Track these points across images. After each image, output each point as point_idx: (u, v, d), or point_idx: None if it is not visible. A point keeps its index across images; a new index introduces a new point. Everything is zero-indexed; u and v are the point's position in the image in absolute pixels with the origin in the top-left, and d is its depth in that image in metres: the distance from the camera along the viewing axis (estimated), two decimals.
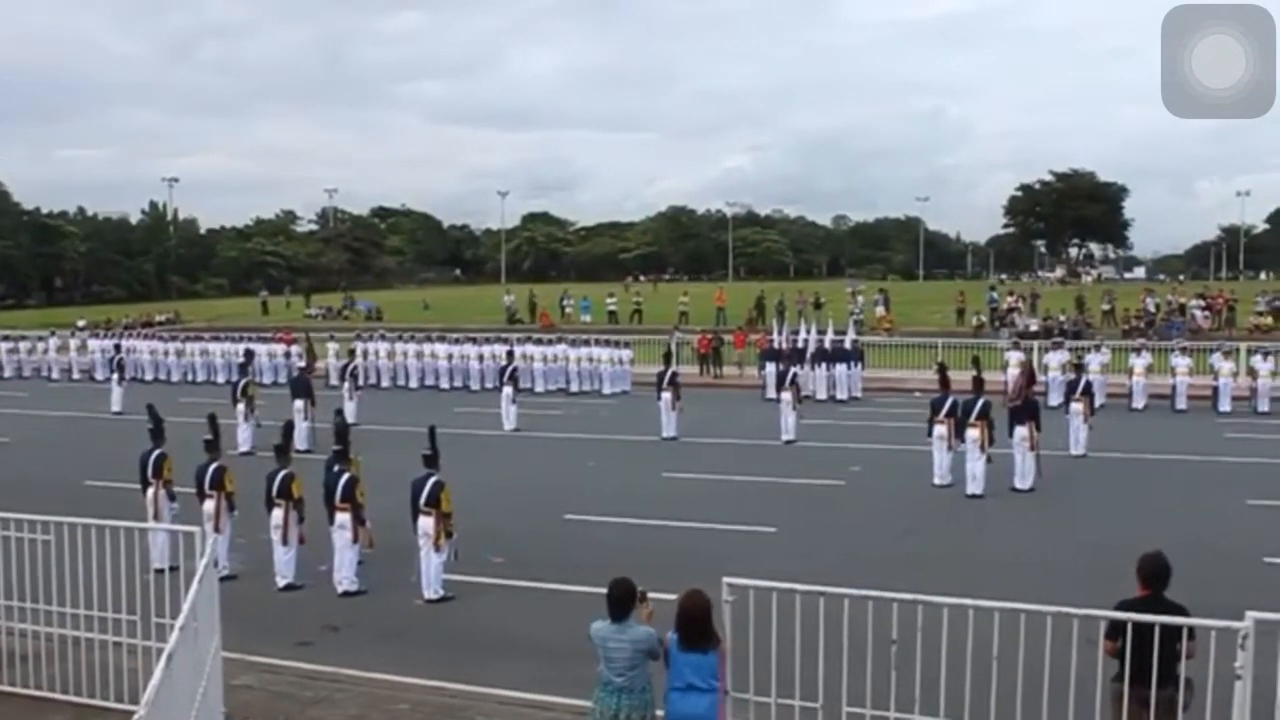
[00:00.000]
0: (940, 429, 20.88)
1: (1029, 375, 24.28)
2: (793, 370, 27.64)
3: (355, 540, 14.52)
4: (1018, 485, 20.46)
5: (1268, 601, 7.79)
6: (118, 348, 40.94)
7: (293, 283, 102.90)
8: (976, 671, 7.89)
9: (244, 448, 24.69)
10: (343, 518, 14.52)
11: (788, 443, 26.11)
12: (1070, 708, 7.75)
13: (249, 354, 35.36)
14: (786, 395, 26.50)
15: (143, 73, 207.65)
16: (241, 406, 26.32)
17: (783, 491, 20.92)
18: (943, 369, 23.01)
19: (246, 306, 79.23)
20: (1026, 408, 20.96)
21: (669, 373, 28.00)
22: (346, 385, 30.45)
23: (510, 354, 33.86)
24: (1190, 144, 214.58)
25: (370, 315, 69.76)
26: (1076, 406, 24.69)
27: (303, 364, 36.93)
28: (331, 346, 41.53)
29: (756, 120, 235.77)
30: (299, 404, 26.31)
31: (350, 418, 29.79)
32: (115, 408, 33.11)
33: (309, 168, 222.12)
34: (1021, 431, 20.55)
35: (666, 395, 27.48)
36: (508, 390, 29.58)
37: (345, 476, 14.68)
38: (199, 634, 8.20)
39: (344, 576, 14.54)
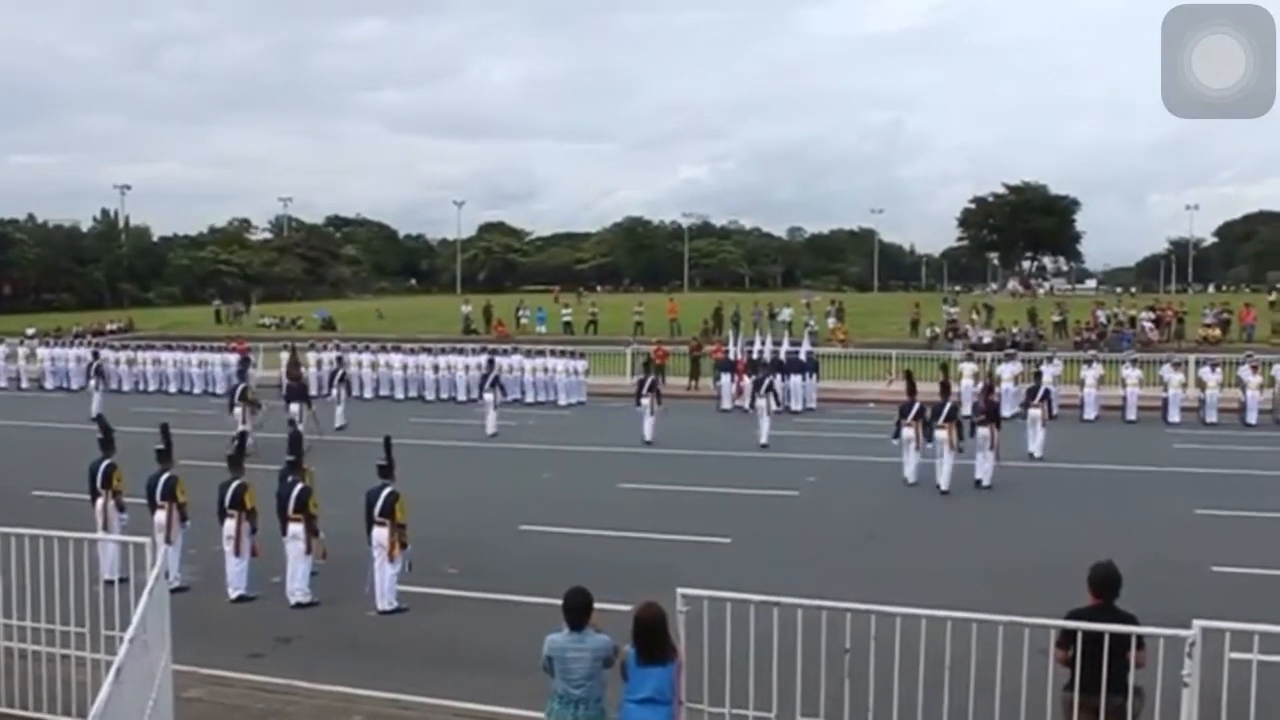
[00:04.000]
0: (908, 431, 22.24)
1: (988, 384, 26.43)
2: (769, 379, 28.86)
3: (308, 551, 14.43)
4: (979, 480, 22.05)
5: (1215, 610, 7.88)
6: (95, 354, 40.65)
7: (246, 293, 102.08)
8: (929, 681, 7.94)
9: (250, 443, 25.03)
10: (296, 529, 14.42)
11: (762, 446, 26.97)
12: (1022, 716, 7.82)
13: (245, 361, 35.90)
14: (762, 402, 27.71)
15: (101, 79, 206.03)
16: (239, 410, 27.05)
17: (738, 502, 20.96)
18: (909, 375, 24.13)
19: (199, 315, 78.55)
20: (988, 411, 22.72)
21: (650, 379, 29.20)
22: (336, 391, 31.40)
23: (491, 361, 34.15)
24: (1140, 158, 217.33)
25: (324, 325, 69.34)
26: (1035, 412, 25.95)
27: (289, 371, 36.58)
28: (285, 356, 41.16)
29: (714, 132, 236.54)
30: (294, 408, 27.23)
31: (339, 421, 30.76)
32: (95, 412, 32.76)
33: (265, 176, 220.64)
34: (983, 432, 22.25)
35: (646, 401, 28.30)
36: (489, 397, 30.33)
37: (298, 487, 14.59)
38: (149, 646, 8.12)
39: (297, 588, 14.44)
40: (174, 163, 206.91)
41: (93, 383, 35.78)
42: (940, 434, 21.76)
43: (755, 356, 35.94)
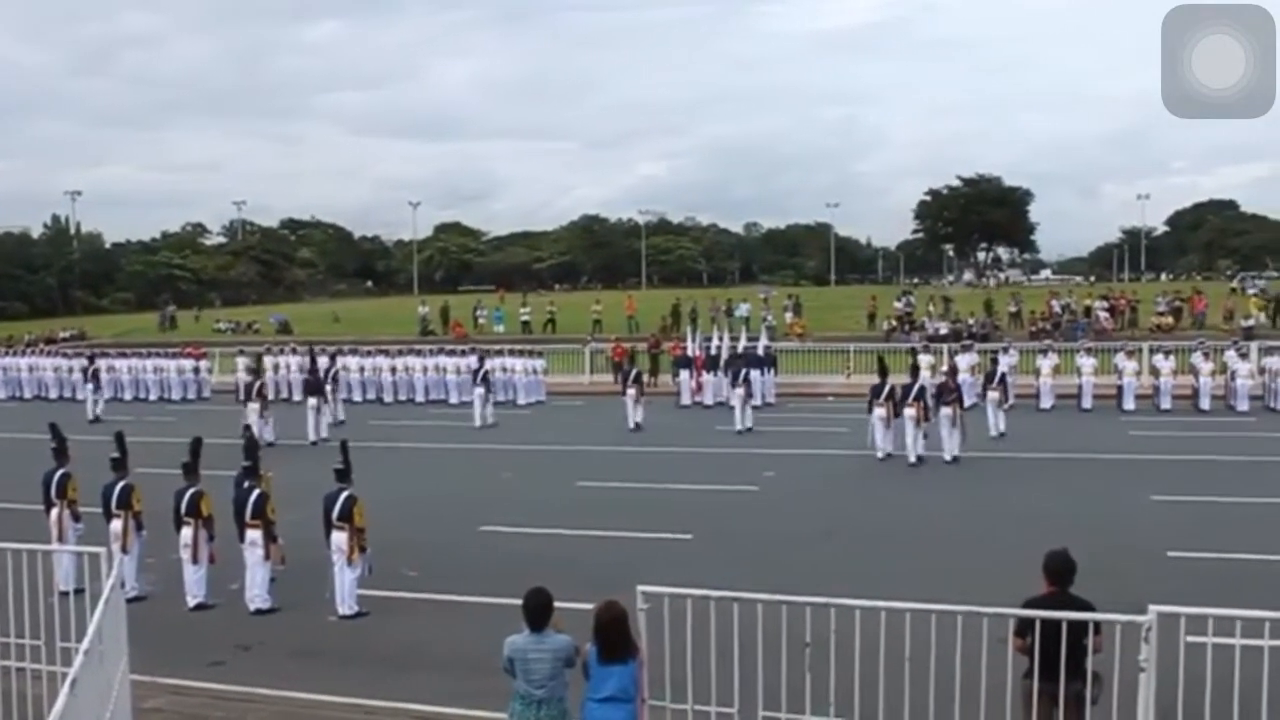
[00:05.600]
0: (880, 410, 24.51)
1: (952, 368, 29.29)
2: (745, 370, 30.99)
3: (267, 557, 14.32)
4: (946, 456, 24.15)
5: (1171, 594, 7.98)
6: (92, 359, 40.94)
7: (199, 297, 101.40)
8: (890, 672, 7.98)
9: (269, 438, 26.57)
10: (254, 535, 14.31)
11: (741, 432, 28.94)
12: (982, 706, 7.89)
13: (258, 358, 37.69)
14: (740, 391, 29.77)
15: (51, 84, 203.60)
16: (255, 405, 28.38)
17: (698, 499, 20.98)
18: (881, 360, 26.58)
19: (152, 322, 77.74)
20: (952, 392, 25.11)
21: (634, 372, 32.06)
22: (313, 401, 30.89)
23: (482, 358, 35.10)
24: (1093, 149, 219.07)
25: (280, 328, 68.89)
26: (993, 394, 28.08)
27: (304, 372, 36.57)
28: (240, 361, 40.94)
29: (671, 129, 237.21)
30: (313, 401, 29.66)
31: (336, 416, 31.28)
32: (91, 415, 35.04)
33: (220, 180, 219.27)
34: (946, 411, 24.48)
35: (632, 391, 30.55)
36: (479, 391, 32.23)
37: (256, 493, 14.47)
38: (105, 657, 8.04)
39: (256, 594, 14.34)
40: (127, 167, 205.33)
41: (90, 386, 37.35)
42: (909, 411, 24.06)
43: (714, 352, 36.11)
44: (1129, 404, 32.12)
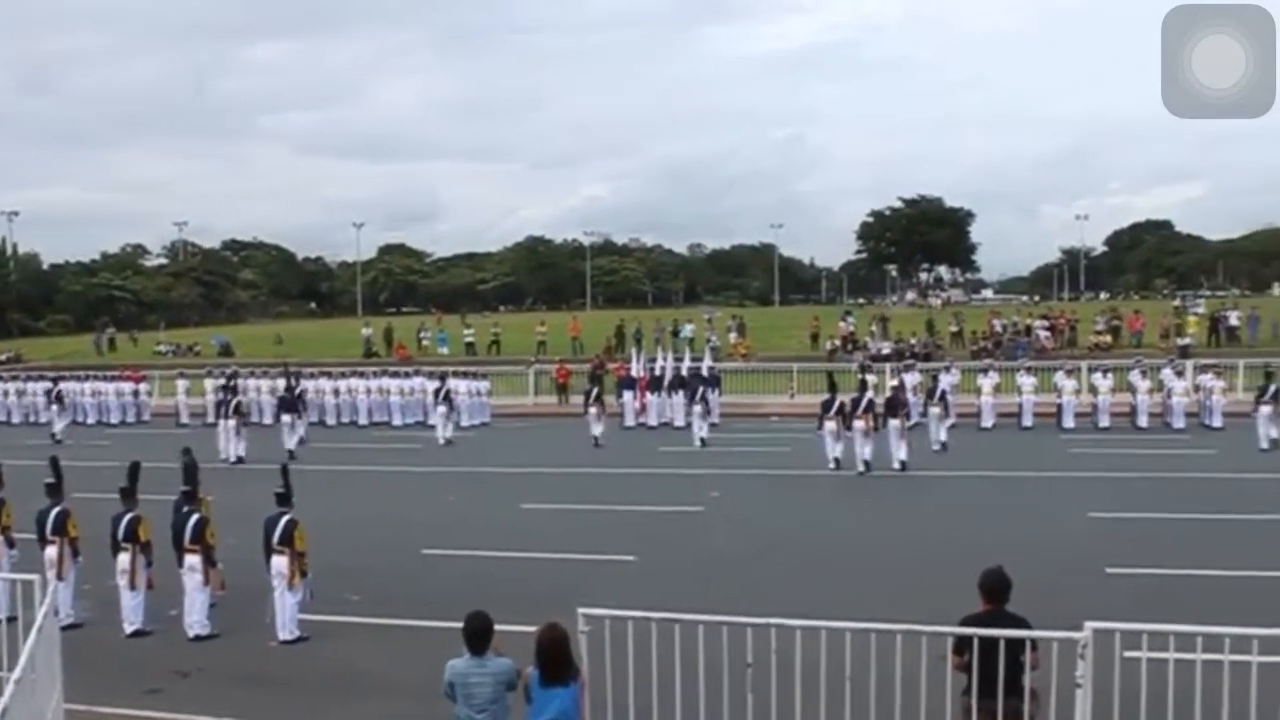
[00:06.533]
0: (830, 424, 25.72)
1: (900, 383, 30.34)
2: (702, 389, 32.31)
3: (206, 583, 14.16)
4: (895, 464, 25.39)
5: (1109, 610, 8.08)
6: (56, 381, 40.94)
7: (139, 319, 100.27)
8: (831, 691, 8.02)
9: (237, 454, 28.73)
10: (193, 560, 14.16)
11: (698, 447, 30.02)
12: None
13: (234, 375, 37.39)
14: (698, 408, 31.29)
15: None
16: (231, 422, 29.48)
17: (642, 520, 20.97)
18: (831, 376, 28.29)
19: (90, 344, 76.60)
20: (899, 405, 26.46)
21: (596, 391, 32.88)
22: (288, 418, 31.36)
23: (443, 378, 35.71)
24: (1032, 170, 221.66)
25: (221, 350, 68.19)
26: (934, 409, 29.31)
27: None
28: (181, 384, 40.52)
29: (617, 150, 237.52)
30: (286, 418, 30.80)
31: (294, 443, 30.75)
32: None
33: (161, 201, 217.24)
34: (894, 423, 25.83)
35: (594, 409, 31.67)
36: (441, 409, 32.84)
37: (195, 517, 14.32)
38: (37, 686, 7.92)
39: (195, 620, 14.16)
40: (66, 188, 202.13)
41: (54, 409, 37.73)
42: (859, 424, 25.48)
43: (659, 373, 36.19)
44: (1068, 422, 32.48)
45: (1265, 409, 28.33)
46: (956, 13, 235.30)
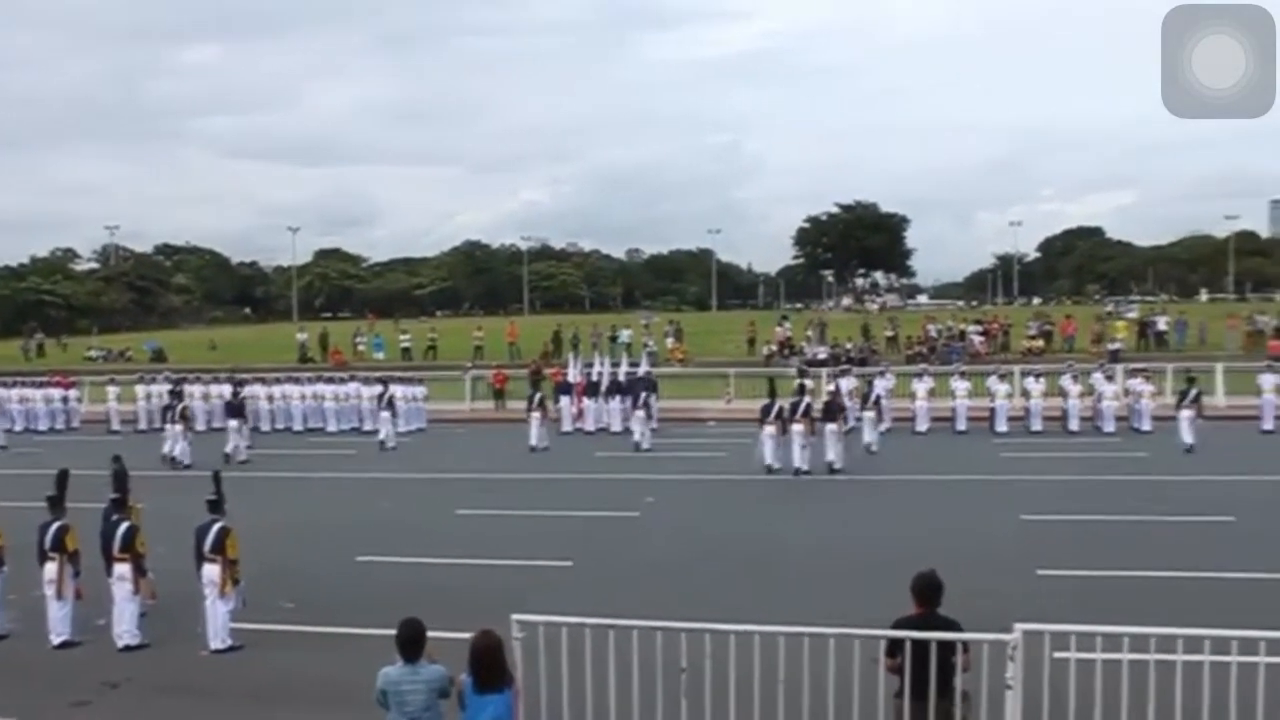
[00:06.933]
0: (769, 429, 26.07)
1: (837, 388, 30.79)
2: (645, 394, 32.55)
3: (136, 592, 13.95)
4: (835, 464, 25.94)
5: (1040, 612, 8.19)
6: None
7: (70, 324, 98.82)
8: (764, 695, 8.06)
9: (186, 461, 28.85)
10: (122, 569, 13.94)
11: (639, 451, 30.25)
12: None
13: (180, 381, 37.85)
14: (641, 413, 31.48)
15: None
16: (179, 427, 29.77)
17: (578, 525, 20.96)
18: (771, 381, 28.16)
19: (17, 350, 75.34)
20: (836, 409, 27.03)
21: (538, 396, 33.13)
22: (235, 423, 31.48)
23: (385, 383, 36.12)
24: (967, 176, 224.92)
25: (154, 356, 67.34)
26: (868, 414, 29.92)
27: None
28: (112, 390, 39.93)
29: (555, 155, 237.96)
30: (233, 423, 31.12)
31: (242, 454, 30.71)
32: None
33: (92, 205, 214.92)
34: (831, 427, 26.25)
35: (536, 415, 31.87)
36: (385, 415, 33.25)
37: (124, 525, 14.10)
38: None
39: (124, 630, 13.95)
40: None
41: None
42: (797, 427, 25.82)
43: (595, 379, 36.18)
44: (1001, 426, 32.80)
45: (1186, 413, 28.88)
46: (893, 21, 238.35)
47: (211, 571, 13.71)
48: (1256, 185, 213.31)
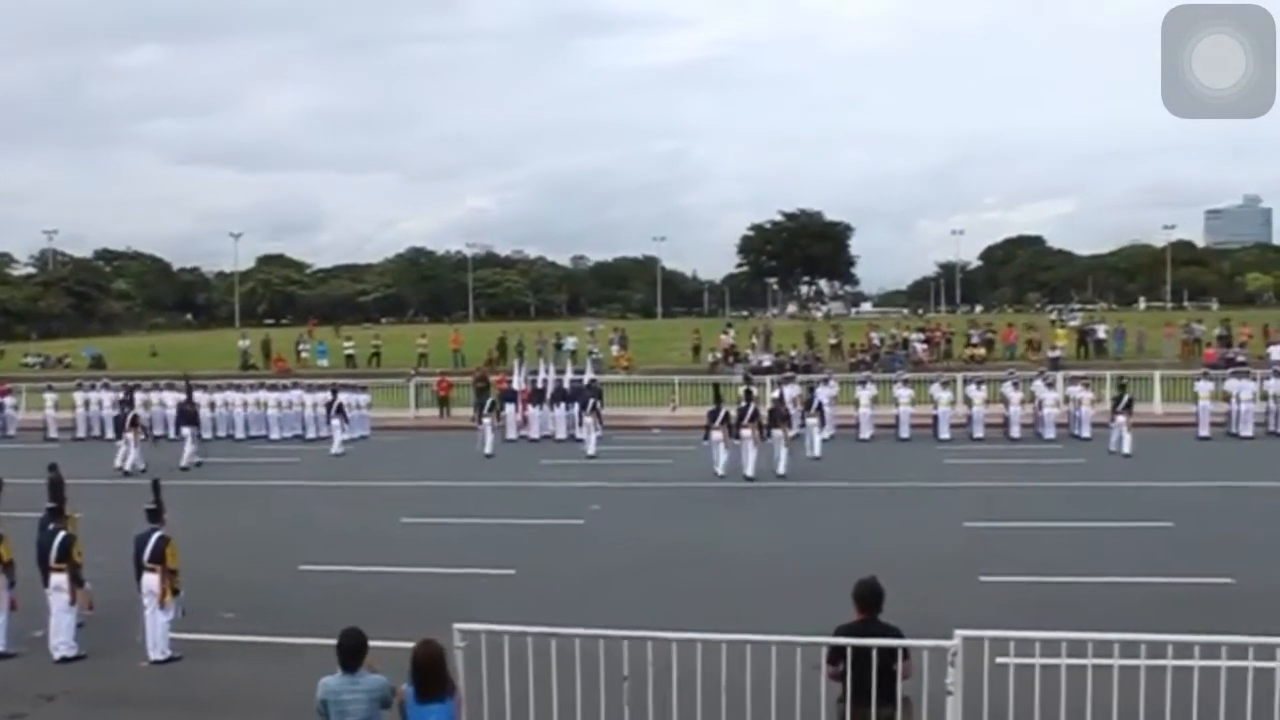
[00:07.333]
0: (716, 434, 26.64)
1: (781, 396, 30.58)
2: (593, 401, 32.84)
3: (73, 602, 13.75)
4: (779, 470, 26.29)
5: (982, 619, 8.27)
6: None
7: (6, 330, 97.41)
8: (707, 703, 8.08)
9: (140, 466, 28.43)
10: (59, 579, 13.73)
11: (590, 457, 30.39)
12: None
13: (130, 390, 36.86)
14: (590, 419, 31.80)
15: None
16: (131, 435, 29.57)
17: (523, 533, 20.90)
18: (716, 388, 29.49)
19: None
20: (781, 416, 27.54)
21: (490, 402, 33.82)
22: (189, 431, 31.58)
23: (335, 390, 35.95)
24: (910, 185, 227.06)
25: (93, 363, 66.50)
26: (812, 421, 30.34)
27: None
28: (49, 397, 39.36)
29: (500, 162, 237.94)
30: (186, 431, 31.38)
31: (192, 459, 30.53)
32: None
33: (29, 209, 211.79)
34: (776, 433, 26.84)
35: (487, 420, 32.55)
36: (336, 422, 33.61)
37: (61, 535, 13.89)
38: None
39: (61, 641, 13.73)
40: None
41: None
42: (745, 433, 26.33)
43: (540, 386, 36.14)
44: (944, 433, 33.08)
45: (1120, 419, 29.38)
46: (836, 32, 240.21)
47: (151, 581, 13.53)
48: (1194, 195, 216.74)
